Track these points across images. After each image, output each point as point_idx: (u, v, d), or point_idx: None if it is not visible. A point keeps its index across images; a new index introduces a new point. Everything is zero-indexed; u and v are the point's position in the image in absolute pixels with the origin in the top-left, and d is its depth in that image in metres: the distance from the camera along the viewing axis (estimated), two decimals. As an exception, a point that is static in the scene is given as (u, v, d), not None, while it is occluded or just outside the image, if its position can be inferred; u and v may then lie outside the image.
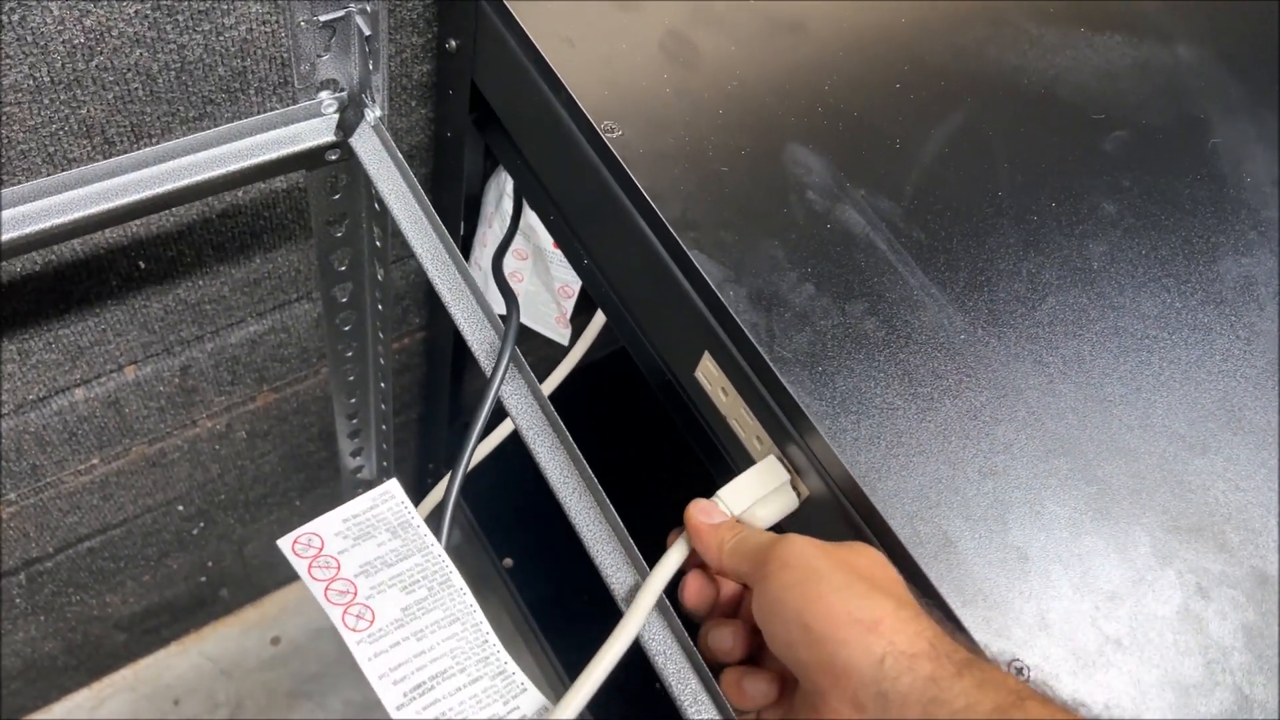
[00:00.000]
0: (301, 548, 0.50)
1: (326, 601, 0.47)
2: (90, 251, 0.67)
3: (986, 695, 0.36)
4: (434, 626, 0.47)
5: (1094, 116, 0.63)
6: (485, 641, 0.47)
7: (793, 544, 0.43)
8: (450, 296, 0.53)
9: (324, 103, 0.57)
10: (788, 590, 0.41)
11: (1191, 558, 0.49)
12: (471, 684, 0.45)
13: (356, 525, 0.50)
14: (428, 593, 0.48)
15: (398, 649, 0.46)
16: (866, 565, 0.42)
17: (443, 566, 0.48)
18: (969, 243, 0.56)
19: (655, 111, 0.57)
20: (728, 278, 0.52)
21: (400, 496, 0.51)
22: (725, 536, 0.46)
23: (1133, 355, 0.54)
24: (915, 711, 0.37)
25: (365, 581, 0.48)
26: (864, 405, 0.50)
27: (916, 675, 0.37)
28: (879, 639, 0.38)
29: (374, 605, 0.47)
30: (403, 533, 0.49)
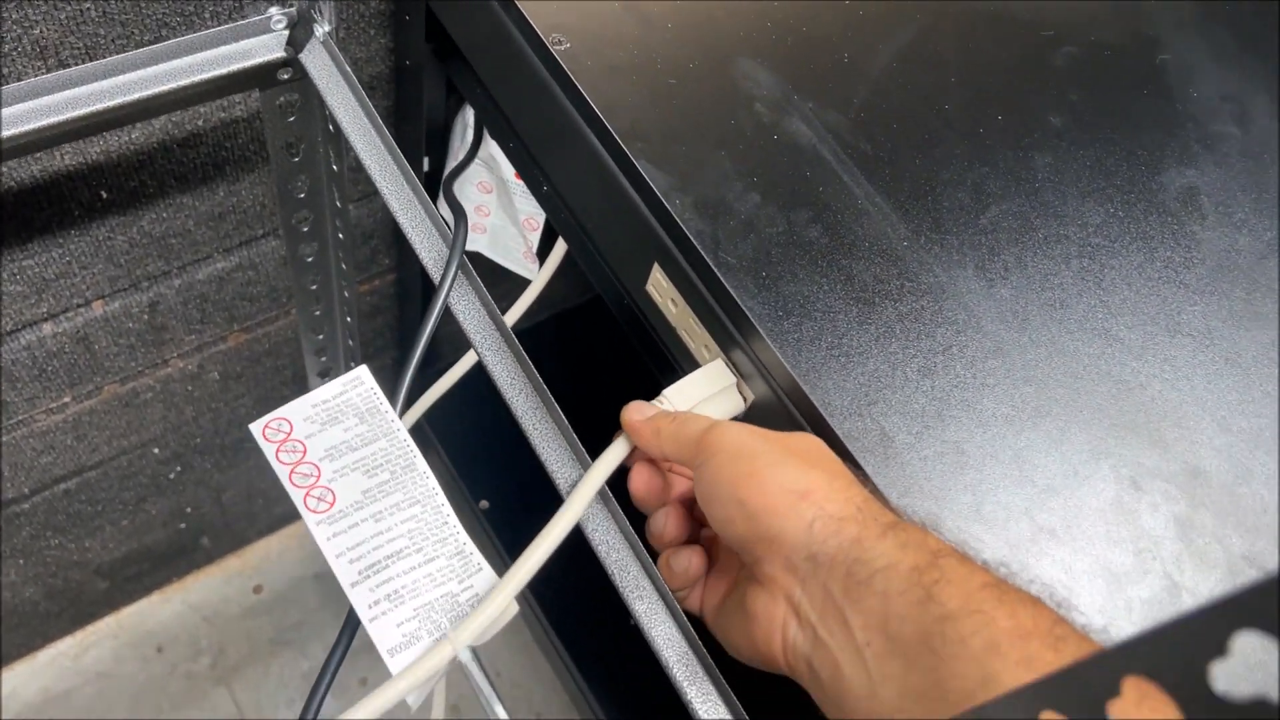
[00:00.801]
0: (271, 432, 0.50)
1: (291, 484, 0.48)
2: (49, 179, 0.68)
3: (907, 555, 0.38)
4: (393, 508, 0.48)
5: (1044, 32, 0.63)
6: (445, 523, 0.48)
7: (729, 428, 0.44)
8: (398, 206, 0.54)
9: (273, 19, 0.57)
10: (724, 470, 0.42)
11: (1126, 453, 0.50)
12: (427, 563, 0.46)
13: (325, 410, 0.51)
14: (390, 476, 0.48)
15: (356, 529, 0.47)
16: (802, 446, 0.44)
17: (406, 451, 0.49)
18: (915, 154, 0.57)
19: (604, 25, 0.58)
20: (674, 187, 0.53)
21: (370, 382, 0.52)
22: (661, 425, 0.47)
23: (1075, 262, 0.55)
24: (841, 571, 0.38)
25: (329, 465, 0.48)
26: (806, 309, 0.51)
27: (843, 538, 0.39)
28: (810, 506, 0.40)
29: (335, 488, 0.48)
30: (370, 418, 0.50)
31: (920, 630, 0.36)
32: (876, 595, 0.37)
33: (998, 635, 0.34)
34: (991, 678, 0.34)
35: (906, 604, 0.36)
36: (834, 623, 0.38)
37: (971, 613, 0.35)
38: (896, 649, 0.36)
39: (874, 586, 0.37)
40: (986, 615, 0.35)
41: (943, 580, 0.37)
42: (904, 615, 0.36)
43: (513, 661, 1.34)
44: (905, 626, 0.36)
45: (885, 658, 0.36)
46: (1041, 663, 0.34)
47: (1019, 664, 0.34)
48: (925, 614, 0.36)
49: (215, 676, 1.28)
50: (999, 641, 0.34)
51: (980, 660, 0.34)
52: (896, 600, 0.37)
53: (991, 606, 0.35)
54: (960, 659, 0.34)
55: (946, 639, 0.35)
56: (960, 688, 0.34)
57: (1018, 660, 0.34)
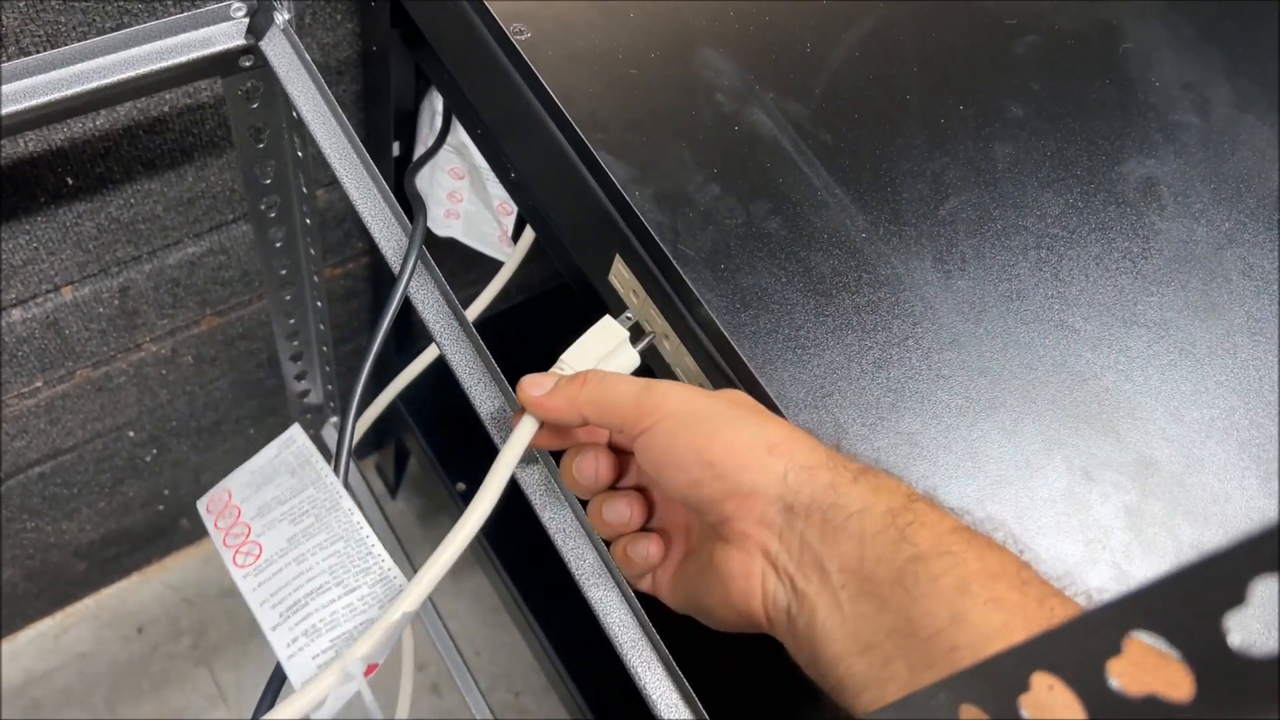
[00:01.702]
0: (214, 504, 0.52)
1: (223, 547, 0.48)
2: (14, 164, 0.67)
3: (881, 499, 0.38)
4: (316, 548, 0.48)
5: (1006, 21, 0.63)
6: (368, 553, 0.48)
7: (668, 390, 0.43)
8: (358, 195, 0.54)
9: (233, 6, 0.57)
10: (678, 435, 0.41)
11: (1079, 444, 0.50)
12: (347, 594, 0.46)
13: (260, 474, 0.51)
14: (314, 519, 0.49)
15: (278, 575, 0.47)
16: (745, 400, 0.44)
17: (333, 493, 0.50)
18: (875, 145, 0.57)
19: (566, 13, 0.58)
20: (634, 178, 0.53)
21: (302, 440, 0.52)
22: (573, 392, 0.45)
23: (1032, 253, 0.55)
24: (817, 517, 0.38)
25: (259, 521, 0.49)
26: (763, 301, 0.51)
27: (816, 484, 0.39)
28: (779, 458, 0.40)
29: (263, 540, 0.48)
30: (301, 471, 0.51)
31: (893, 570, 0.36)
32: (852, 538, 0.38)
33: (967, 575, 0.35)
34: (960, 615, 0.34)
35: (881, 545, 0.37)
36: (811, 570, 0.39)
37: (942, 554, 0.36)
38: (870, 589, 0.37)
39: (849, 529, 0.38)
40: (957, 556, 0.36)
41: (916, 522, 0.37)
42: (879, 556, 0.37)
43: (493, 640, 1.35)
44: (879, 567, 0.37)
45: (859, 598, 0.37)
46: (1008, 602, 0.35)
47: (987, 603, 0.34)
48: (898, 554, 0.36)
49: (196, 657, 1.29)
50: (968, 581, 0.35)
51: (950, 599, 0.35)
52: (871, 542, 0.37)
53: (961, 548, 0.36)
54: (931, 597, 0.35)
55: (918, 578, 0.36)
56: (930, 625, 0.35)
57: (986, 600, 0.35)
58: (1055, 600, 0.35)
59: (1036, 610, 0.35)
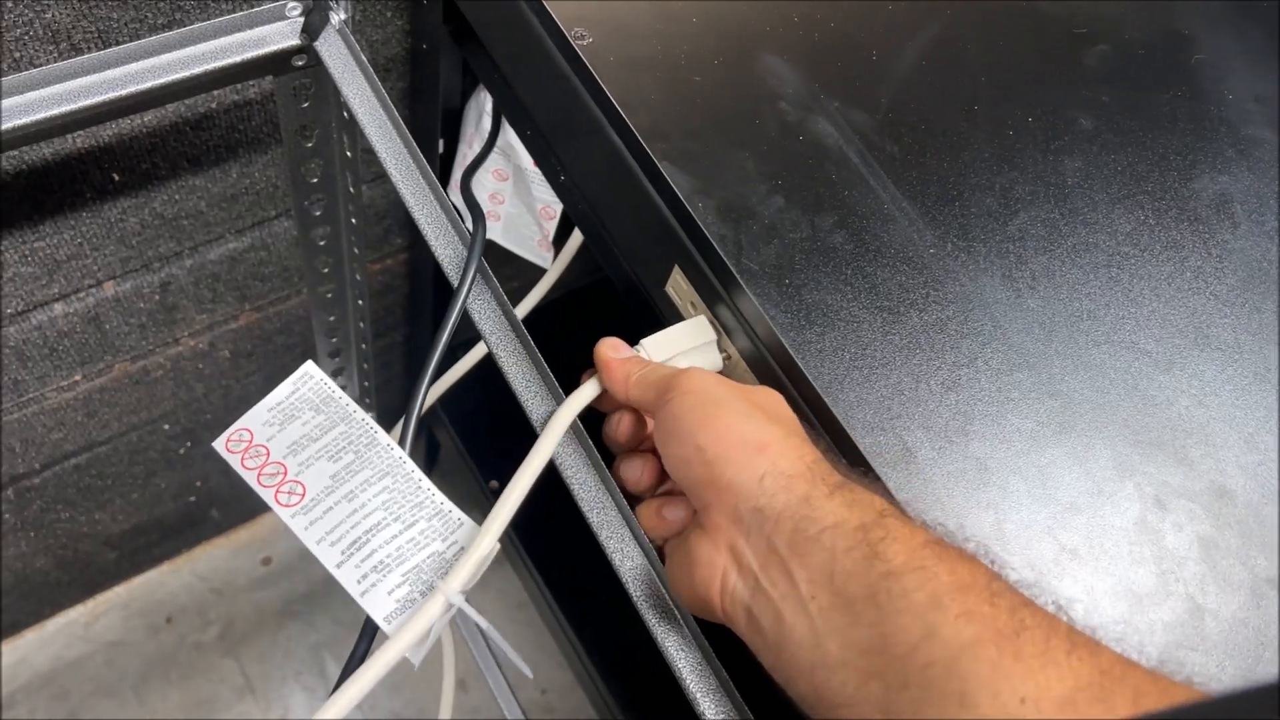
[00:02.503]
0: (234, 444, 0.51)
1: (260, 486, 0.48)
2: (61, 161, 0.67)
3: (853, 513, 0.38)
4: (364, 485, 0.48)
5: (1076, 30, 0.62)
6: (418, 488, 0.48)
7: (696, 373, 0.45)
8: (415, 203, 0.53)
9: (288, 5, 0.56)
10: (686, 413, 0.43)
11: (1152, 471, 0.49)
12: (408, 529, 0.47)
13: (281, 411, 0.51)
14: (354, 456, 0.49)
15: (330, 513, 0.47)
16: (766, 401, 0.44)
17: (367, 429, 0.49)
18: (942, 157, 0.56)
19: (627, 18, 0.56)
20: (697, 189, 0.52)
21: (319, 375, 0.52)
22: (632, 369, 0.47)
23: (1103, 271, 0.54)
24: (788, 526, 0.39)
25: (293, 459, 0.49)
26: (829, 318, 0.50)
27: (792, 494, 0.39)
28: (763, 459, 0.40)
29: (303, 479, 0.48)
30: (325, 408, 0.50)
31: (865, 585, 0.36)
32: (824, 551, 0.38)
33: (939, 589, 0.35)
34: (933, 631, 0.35)
35: (853, 560, 0.37)
36: (777, 574, 0.39)
37: (915, 569, 0.36)
38: (841, 603, 0.37)
39: (821, 542, 0.38)
40: (929, 571, 0.36)
41: (888, 538, 0.37)
42: (850, 571, 0.37)
43: (521, 636, 1.35)
44: (850, 582, 0.37)
45: (830, 612, 0.37)
46: (979, 615, 0.35)
47: (959, 617, 0.35)
48: (871, 570, 0.37)
49: (224, 647, 1.29)
50: (940, 595, 0.35)
51: (922, 614, 0.35)
52: (843, 557, 0.37)
53: (933, 563, 0.36)
54: (904, 613, 0.35)
55: (891, 594, 0.36)
56: (904, 640, 0.35)
57: (958, 614, 0.35)
58: (1026, 611, 0.35)
59: (1008, 621, 0.35)
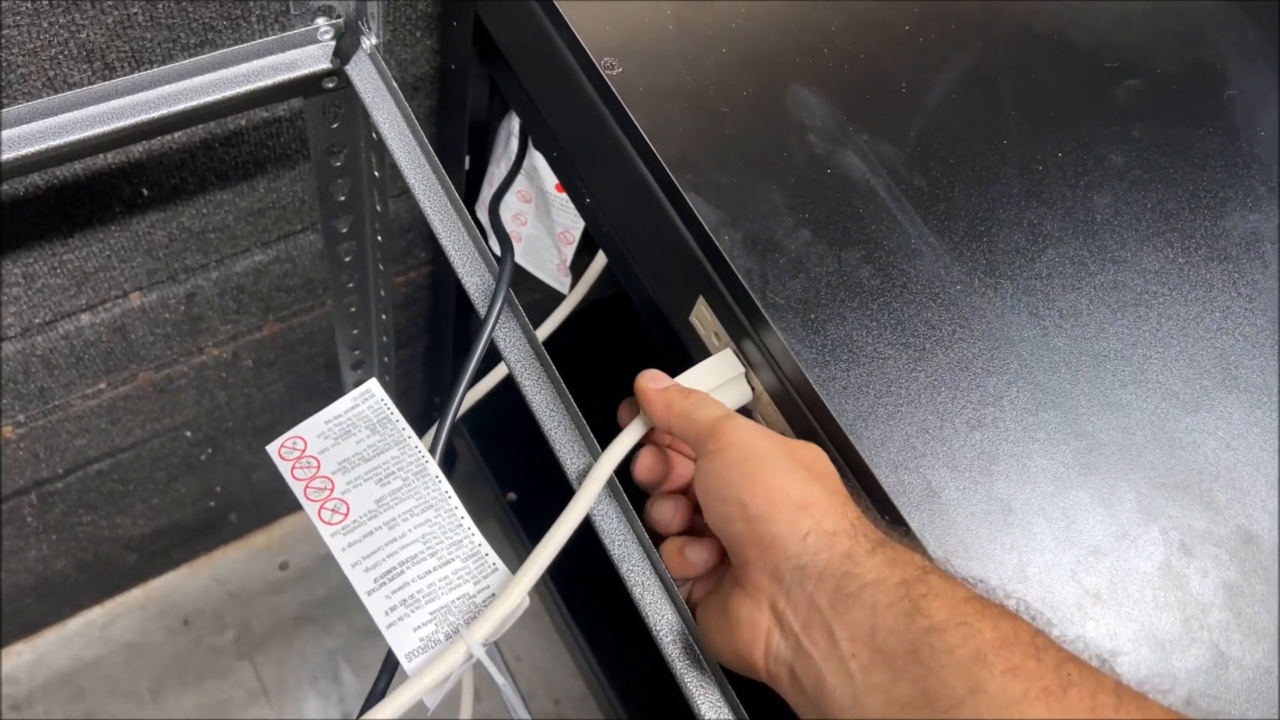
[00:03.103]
0: (287, 451, 0.51)
1: (306, 499, 0.48)
2: (92, 176, 0.67)
3: (895, 570, 0.39)
4: (406, 514, 0.48)
5: (1107, 64, 0.62)
6: (459, 526, 0.48)
7: (740, 425, 0.45)
8: (443, 231, 0.53)
9: (320, 29, 0.56)
10: (730, 468, 0.43)
11: (1177, 514, 0.49)
12: (442, 566, 0.47)
13: (338, 425, 0.51)
14: (402, 483, 0.49)
15: (370, 538, 0.47)
16: (809, 457, 0.44)
17: (419, 458, 0.49)
18: (971, 191, 0.55)
19: (657, 47, 0.56)
20: (723, 221, 0.52)
21: (380, 395, 0.52)
22: (673, 397, 0.47)
23: (1131, 310, 0.54)
24: (830, 584, 0.39)
25: (342, 477, 0.49)
26: (854, 354, 0.50)
27: (834, 551, 0.40)
28: (807, 517, 0.40)
29: (349, 499, 0.48)
30: (381, 429, 0.50)
31: (908, 642, 0.36)
32: (864, 608, 0.38)
33: (983, 646, 0.35)
34: (979, 686, 0.35)
35: (894, 617, 0.37)
36: (818, 633, 0.39)
37: (958, 625, 0.36)
38: (883, 660, 0.37)
39: (862, 599, 0.38)
40: (972, 627, 0.36)
41: (930, 594, 0.37)
42: (891, 628, 0.37)
43: (534, 645, 1.35)
44: (892, 639, 0.37)
45: (871, 668, 0.37)
46: (1026, 670, 0.35)
47: (1005, 673, 0.35)
48: (913, 626, 0.37)
49: (239, 651, 1.30)
50: (984, 652, 0.35)
51: (967, 670, 0.35)
52: (884, 613, 0.37)
53: (975, 618, 0.36)
54: (948, 669, 0.35)
55: (934, 650, 0.36)
56: (948, 696, 0.35)
57: (1004, 669, 0.35)
58: (1072, 666, 0.35)
59: (1054, 677, 0.35)
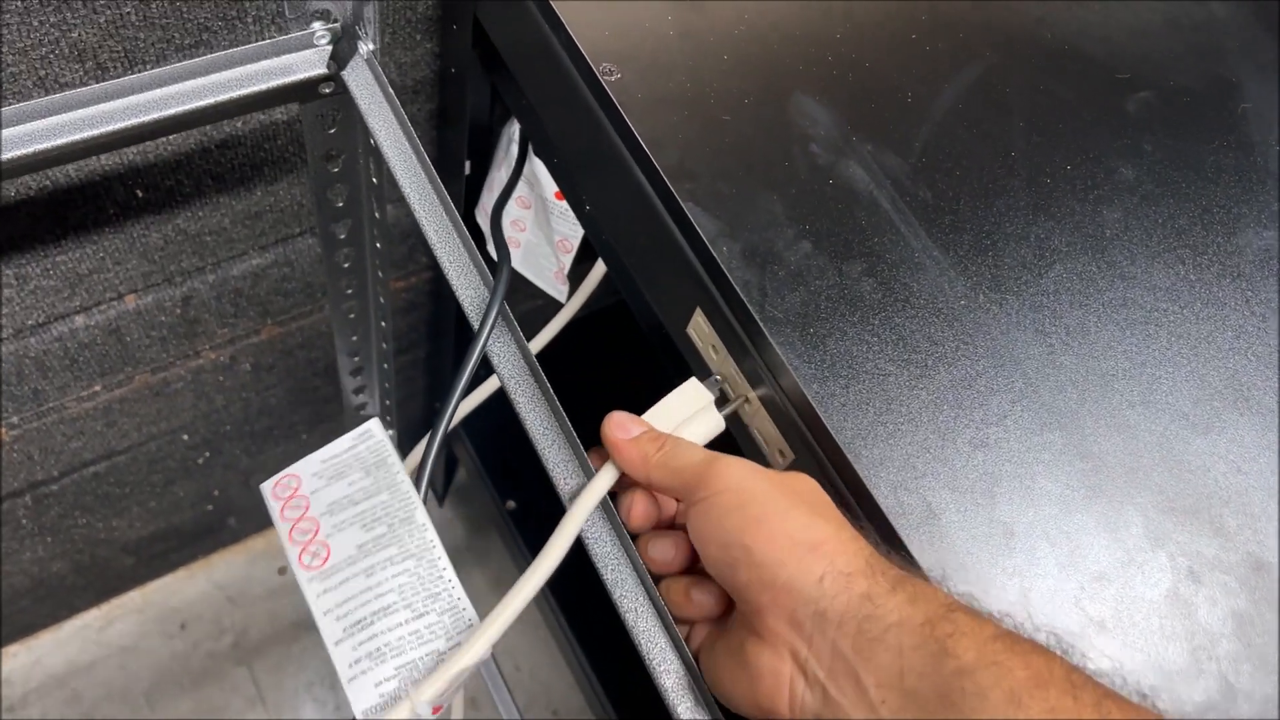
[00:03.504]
0: (280, 489, 0.50)
1: (289, 541, 0.47)
2: (85, 178, 0.66)
3: (918, 609, 0.37)
4: (386, 563, 0.46)
5: (1119, 75, 0.60)
6: (439, 578, 0.46)
7: (730, 466, 0.42)
8: (438, 241, 0.52)
9: (316, 33, 0.55)
10: (728, 514, 0.41)
11: (1185, 540, 0.47)
12: (415, 619, 0.45)
13: (333, 465, 0.49)
14: (386, 529, 0.47)
15: (345, 585, 0.46)
16: (806, 490, 0.42)
17: (407, 504, 0.48)
18: (977, 204, 0.54)
19: (657, 54, 0.55)
20: (722, 232, 0.51)
21: (379, 435, 0.50)
22: (649, 450, 0.45)
23: (1140, 328, 0.52)
24: (851, 628, 0.37)
25: (329, 520, 0.47)
26: (854, 370, 0.48)
27: (853, 593, 0.38)
28: (819, 559, 0.39)
29: (331, 543, 0.47)
30: (376, 471, 0.49)
31: (937, 685, 0.35)
32: (890, 651, 0.37)
33: (1016, 686, 0.34)
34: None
35: (921, 659, 0.36)
36: (845, 681, 0.38)
37: (988, 664, 0.35)
38: (913, 704, 0.36)
39: (887, 642, 0.37)
40: (1003, 666, 0.35)
41: (956, 633, 0.36)
42: (919, 670, 0.36)
43: (533, 656, 1.34)
44: (921, 682, 0.36)
45: (902, 714, 0.36)
46: (1063, 710, 0.34)
47: (1041, 715, 0.33)
48: (941, 668, 0.35)
49: (236, 656, 1.29)
50: (1018, 692, 0.34)
51: (1002, 712, 0.34)
52: (911, 655, 0.36)
53: (1006, 657, 0.35)
54: (981, 712, 0.34)
55: (965, 693, 0.35)
56: None
57: (1040, 711, 0.34)
58: (1111, 703, 0.34)
59: (1093, 715, 0.34)
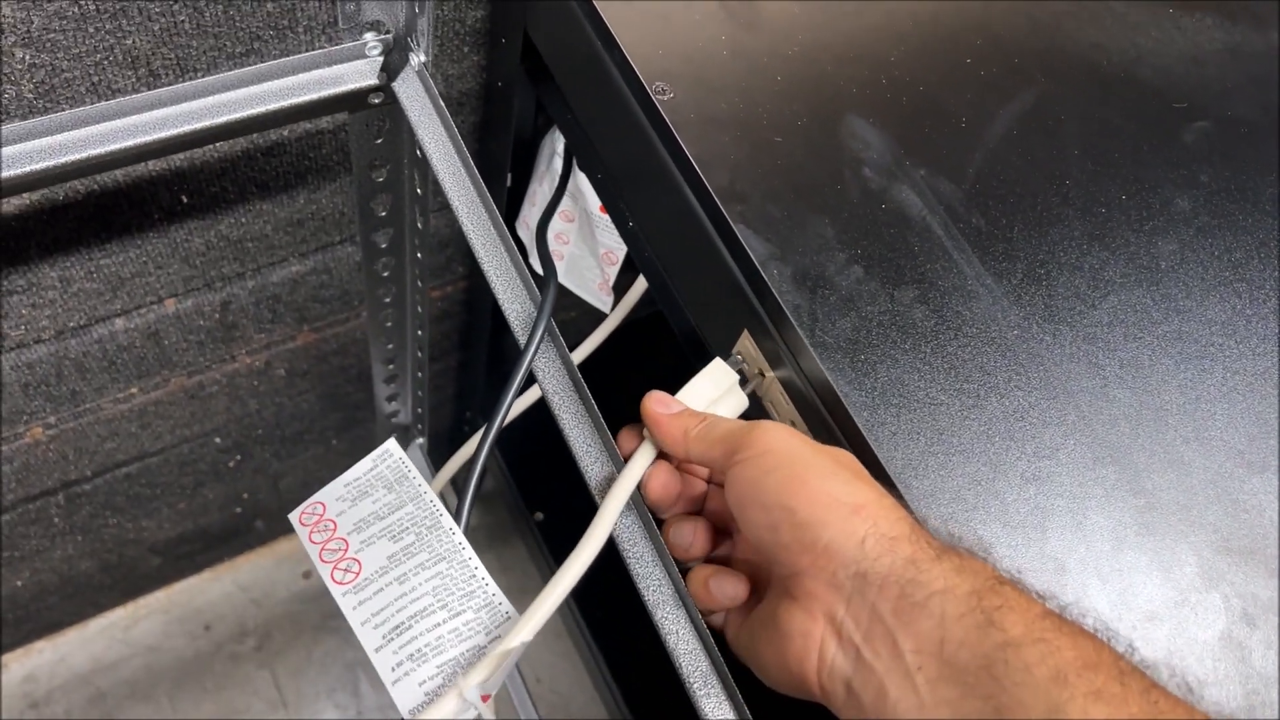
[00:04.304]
0: (307, 517, 0.51)
1: (320, 562, 0.47)
2: (132, 183, 0.67)
3: (964, 579, 0.37)
4: (418, 568, 0.47)
5: (1175, 104, 0.59)
6: (472, 577, 0.47)
7: (771, 429, 0.42)
8: (485, 255, 0.52)
9: (368, 44, 0.55)
10: (769, 474, 0.41)
11: (1239, 581, 0.47)
12: (453, 619, 0.46)
13: (356, 488, 0.50)
14: (415, 538, 0.48)
15: (380, 595, 0.46)
16: (846, 459, 0.43)
17: (433, 511, 0.49)
18: (1030, 232, 0.54)
19: (710, 74, 0.55)
20: (773, 255, 0.50)
21: (398, 454, 0.51)
22: (689, 424, 0.45)
23: (1194, 363, 0.52)
24: (893, 591, 0.37)
25: (356, 537, 0.48)
26: (905, 398, 0.48)
27: (896, 557, 0.37)
28: (862, 521, 0.38)
29: (361, 557, 0.48)
30: (398, 486, 0.50)
31: (981, 656, 0.35)
32: (932, 618, 0.36)
33: (1063, 665, 0.34)
34: (1058, 708, 0.33)
35: (965, 629, 0.35)
36: (881, 644, 0.37)
37: (1035, 640, 0.34)
38: (952, 674, 0.35)
39: (930, 609, 0.36)
40: (1050, 644, 0.34)
41: (1004, 606, 0.36)
42: (962, 640, 0.35)
43: (555, 668, 1.33)
44: (963, 652, 0.35)
45: (940, 682, 0.35)
46: (1110, 695, 0.33)
47: (1087, 696, 0.33)
48: (986, 639, 0.35)
49: (259, 659, 1.29)
50: (1065, 671, 0.33)
51: (1046, 690, 0.33)
52: (954, 624, 0.36)
53: (1054, 635, 0.35)
54: (1025, 687, 0.33)
55: (1010, 666, 0.34)
56: (1023, 716, 0.33)
57: (1086, 692, 0.33)
58: (1158, 693, 0.34)
59: (1140, 704, 0.33)
